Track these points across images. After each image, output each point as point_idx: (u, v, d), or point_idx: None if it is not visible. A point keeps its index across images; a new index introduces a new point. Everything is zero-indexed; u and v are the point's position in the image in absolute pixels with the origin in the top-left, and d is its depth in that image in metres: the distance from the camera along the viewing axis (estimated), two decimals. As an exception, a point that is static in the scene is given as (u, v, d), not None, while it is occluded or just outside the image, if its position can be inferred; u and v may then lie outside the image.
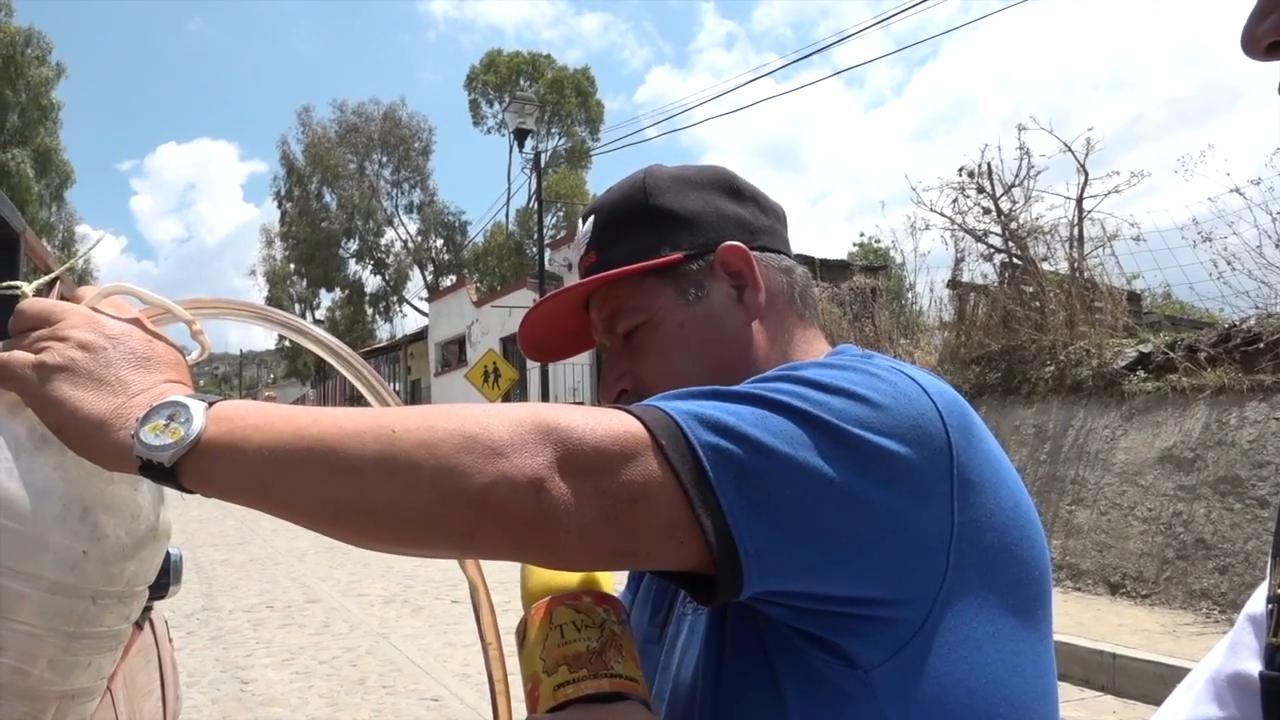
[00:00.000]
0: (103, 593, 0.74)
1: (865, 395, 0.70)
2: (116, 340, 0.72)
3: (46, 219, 33.66)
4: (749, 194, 0.97)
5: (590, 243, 0.96)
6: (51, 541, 0.70)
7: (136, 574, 0.78)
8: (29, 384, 0.69)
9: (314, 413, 0.68)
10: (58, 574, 0.71)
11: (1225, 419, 6.67)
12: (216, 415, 0.67)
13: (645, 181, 0.95)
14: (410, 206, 43.93)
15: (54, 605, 0.71)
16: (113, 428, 0.67)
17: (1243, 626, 0.72)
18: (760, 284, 0.91)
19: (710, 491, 0.65)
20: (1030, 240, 9.30)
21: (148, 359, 0.72)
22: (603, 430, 0.65)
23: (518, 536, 0.64)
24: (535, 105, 19.55)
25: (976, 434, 0.74)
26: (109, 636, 0.77)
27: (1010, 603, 0.74)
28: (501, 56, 40.00)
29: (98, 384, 0.69)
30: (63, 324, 0.72)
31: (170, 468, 0.65)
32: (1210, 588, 6.24)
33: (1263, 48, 0.53)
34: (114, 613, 0.76)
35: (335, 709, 5.17)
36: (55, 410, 0.68)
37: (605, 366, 0.96)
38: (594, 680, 0.72)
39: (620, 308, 0.92)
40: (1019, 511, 0.76)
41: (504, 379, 15.70)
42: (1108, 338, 8.15)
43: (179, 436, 0.65)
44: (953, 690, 0.71)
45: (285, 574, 9.79)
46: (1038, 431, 8.06)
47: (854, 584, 0.69)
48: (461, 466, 0.62)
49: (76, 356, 0.70)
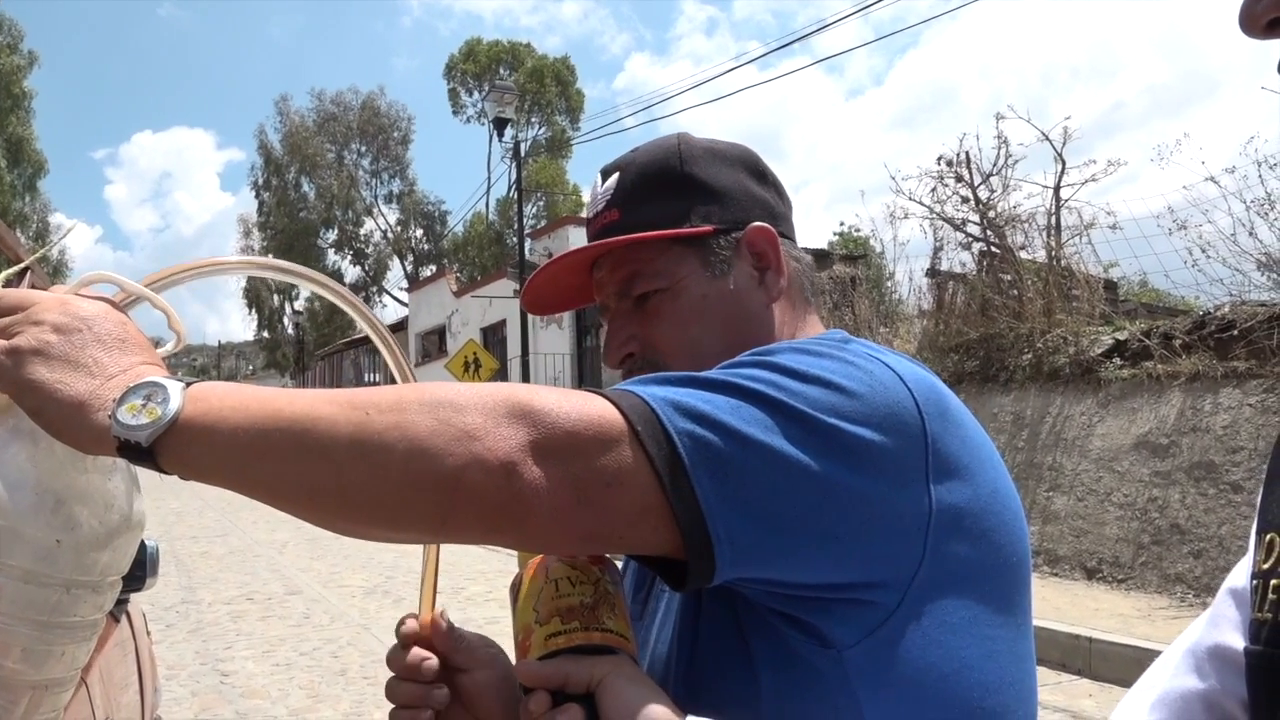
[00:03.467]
0: (76, 582, 0.74)
1: (840, 383, 0.70)
2: (90, 322, 0.71)
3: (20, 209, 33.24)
4: (771, 179, 0.96)
5: (613, 200, 0.93)
6: (24, 531, 0.70)
7: (110, 564, 0.77)
8: (4, 369, 0.69)
9: (290, 394, 0.67)
10: (31, 563, 0.70)
11: (1200, 405, 6.74)
12: (194, 395, 0.67)
13: (680, 147, 0.93)
14: (389, 196, 43.79)
15: (27, 595, 0.71)
16: (91, 409, 0.67)
17: (1224, 599, 0.73)
18: (784, 268, 0.91)
19: (685, 479, 0.65)
20: (1008, 229, 9.36)
21: (123, 340, 0.72)
22: (577, 414, 0.65)
23: (489, 519, 0.64)
24: (515, 94, 19.44)
25: (953, 419, 0.74)
26: (83, 626, 0.77)
27: (987, 589, 0.74)
28: (481, 45, 39.76)
29: (74, 366, 0.69)
30: (35, 309, 0.72)
31: (148, 448, 0.65)
32: (1185, 572, 6.32)
33: (1262, 25, 0.53)
34: (87, 603, 0.76)
35: (316, 700, 5.15)
36: (32, 394, 0.68)
37: (610, 328, 0.94)
38: (584, 632, 0.73)
39: (641, 271, 0.90)
40: (997, 498, 0.76)
41: (484, 369, 15.67)
42: (1084, 325, 8.22)
43: (156, 416, 0.65)
44: (926, 674, 0.71)
45: (265, 566, 9.75)
46: (1015, 419, 8.12)
47: (828, 572, 0.69)
48: (433, 449, 0.62)
49: (51, 339, 0.69)
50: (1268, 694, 0.59)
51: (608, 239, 0.91)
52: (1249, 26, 0.53)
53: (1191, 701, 0.72)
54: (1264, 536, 0.64)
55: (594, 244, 0.92)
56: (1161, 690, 0.75)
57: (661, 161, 0.93)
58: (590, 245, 0.93)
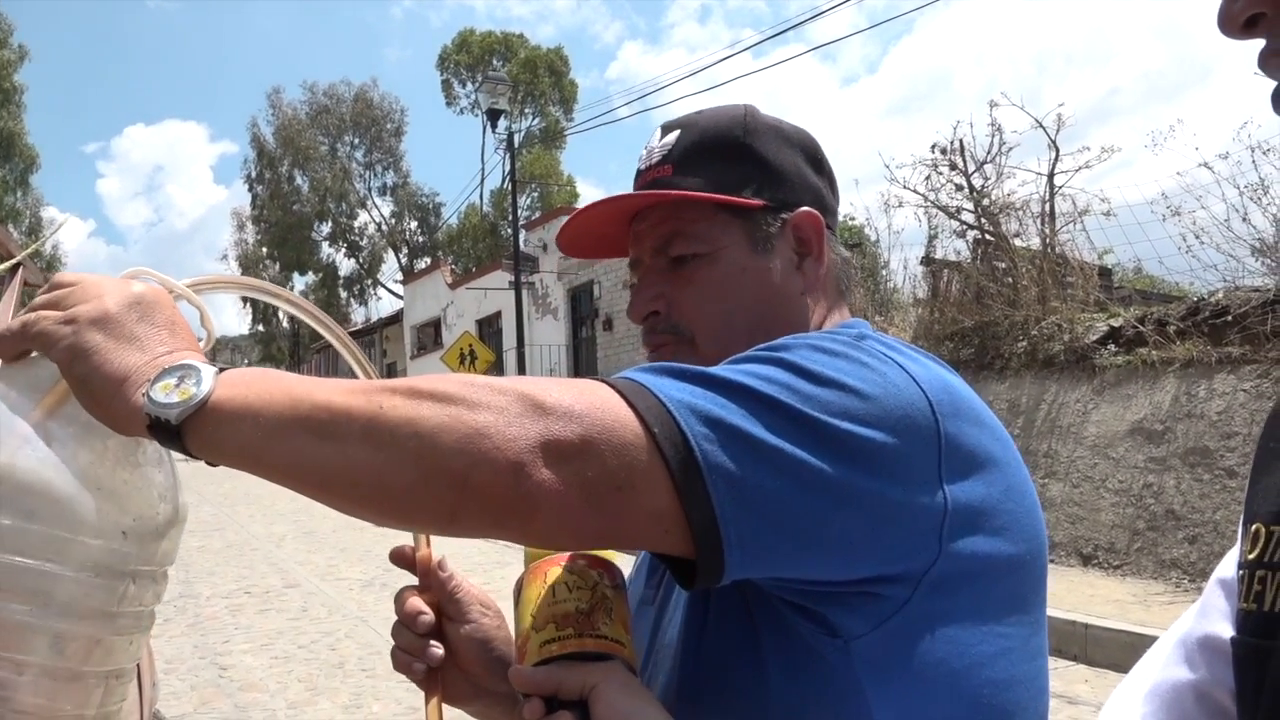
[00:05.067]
0: (141, 572, 0.76)
1: (853, 386, 0.69)
2: (146, 302, 0.73)
3: (12, 204, 33.13)
4: (827, 169, 0.96)
5: (669, 156, 0.91)
6: (95, 527, 0.71)
7: (167, 553, 0.80)
8: (57, 336, 0.70)
9: (312, 383, 0.68)
10: (105, 558, 0.72)
11: (1194, 391, 6.76)
12: (225, 379, 0.68)
13: (746, 119, 0.92)
14: (383, 188, 43.65)
15: (100, 588, 0.72)
16: (133, 383, 0.68)
17: (1213, 590, 0.74)
18: (824, 257, 0.91)
19: (700, 484, 0.64)
20: (1002, 216, 9.37)
21: (174, 323, 0.74)
22: (592, 415, 0.64)
23: (496, 517, 0.64)
24: (508, 85, 19.42)
25: (968, 417, 0.74)
26: (146, 616, 0.79)
27: (1003, 586, 0.74)
28: (474, 36, 39.62)
29: (127, 340, 0.70)
30: (93, 281, 0.74)
31: (177, 427, 0.66)
32: (1180, 558, 6.35)
33: (1239, 24, 0.53)
34: (150, 592, 0.78)
35: (314, 693, 5.16)
36: (84, 360, 0.69)
37: (640, 283, 0.92)
38: (578, 639, 0.73)
39: (683, 230, 0.89)
40: (1011, 494, 0.75)
41: (480, 361, 15.67)
42: (1079, 312, 8.23)
43: (188, 396, 0.66)
44: (936, 668, 0.71)
45: (263, 559, 9.75)
46: (1011, 406, 8.14)
47: (839, 570, 0.69)
48: (443, 446, 0.62)
49: (113, 310, 0.71)
50: (1254, 683, 0.59)
51: (658, 190, 0.90)
52: (1227, 26, 0.53)
53: (1183, 692, 0.72)
54: (1250, 527, 0.64)
55: (643, 193, 0.91)
56: (1153, 681, 0.75)
57: (725, 128, 0.91)
58: (639, 193, 0.91)
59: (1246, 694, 0.61)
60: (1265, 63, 0.54)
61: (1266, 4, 0.52)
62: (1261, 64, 0.54)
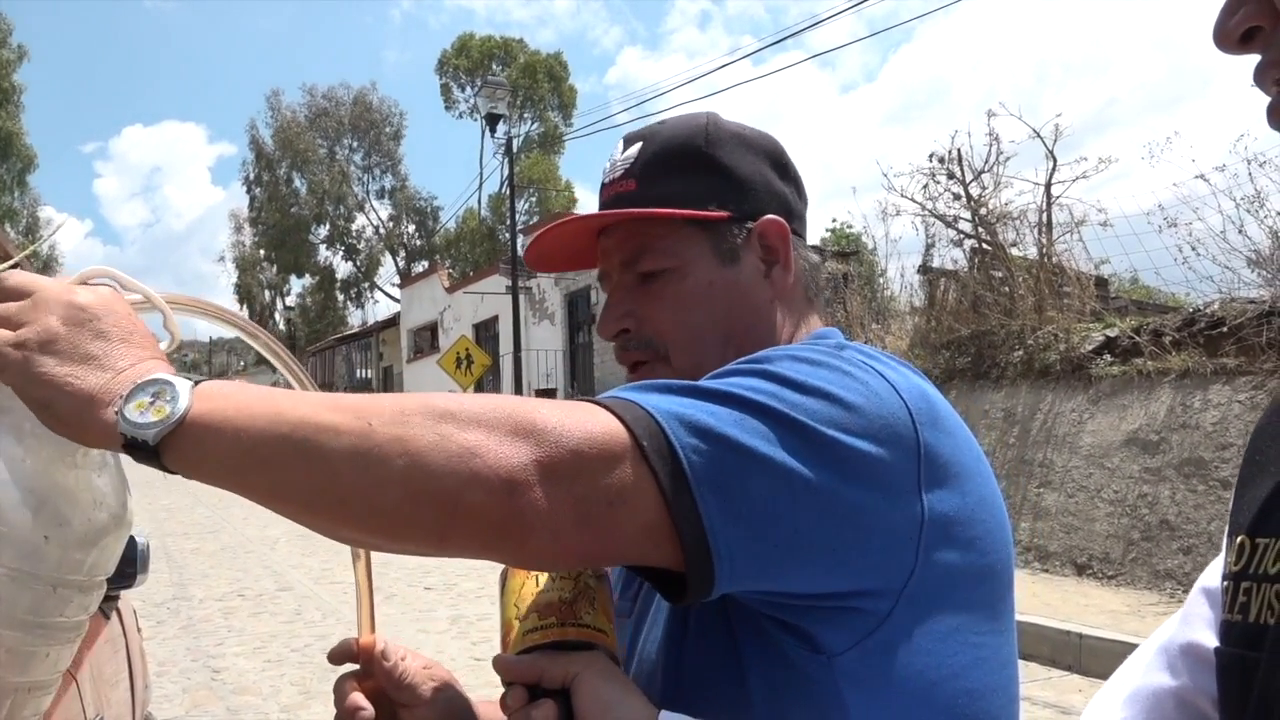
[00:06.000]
0: (63, 581, 0.73)
1: (839, 395, 0.69)
2: (99, 315, 0.69)
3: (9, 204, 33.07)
4: (793, 174, 0.95)
5: (631, 170, 0.90)
6: (12, 528, 0.69)
7: (96, 563, 0.77)
8: (9, 361, 0.67)
9: (295, 398, 0.66)
10: (17, 561, 0.69)
11: (1189, 402, 6.77)
12: (202, 394, 0.66)
13: (708, 128, 0.91)
14: (381, 192, 43.67)
15: (12, 594, 0.70)
16: (101, 404, 0.65)
17: (1196, 598, 0.74)
18: (791, 264, 0.91)
19: (689, 496, 0.64)
20: (999, 226, 9.38)
21: (130, 333, 0.70)
22: (582, 431, 0.64)
23: (488, 538, 0.63)
24: (507, 90, 19.39)
25: (945, 429, 0.74)
26: (68, 628, 0.76)
27: (975, 596, 0.75)
28: (474, 41, 39.66)
29: (84, 359, 0.67)
30: (39, 296, 0.70)
31: (154, 446, 0.64)
32: (1175, 568, 6.35)
33: (1235, 39, 0.53)
34: (74, 603, 0.75)
35: (308, 697, 5.15)
36: (41, 386, 0.66)
37: (610, 299, 0.92)
38: (560, 628, 0.74)
39: (650, 246, 0.89)
40: (984, 505, 0.76)
41: (476, 365, 15.64)
42: (1075, 322, 8.24)
43: (164, 415, 0.64)
44: (914, 680, 0.71)
45: (257, 562, 9.72)
46: (1006, 415, 8.14)
47: (822, 582, 0.70)
48: (434, 466, 0.61)
49: (61, 331, 0.67)
50: (1238, 694, 0.60)
51: (621, 209, 0.89)
52: (1223, 41, 0.54)
53: (1163, 698, 0.73)
54: (1235, 539, 0.64)
55: (607, 211, 0.91)
56: (1134, 686, 0.76)
57: (686, 139, 0.91)
58: (602, 212, 0.91)
59: (1231, 704, 0.61)
60: (1260, 77, 0.54)
61: (1262, 19, 0.52)
62: (1257, 79, 0.54)
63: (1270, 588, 0.59)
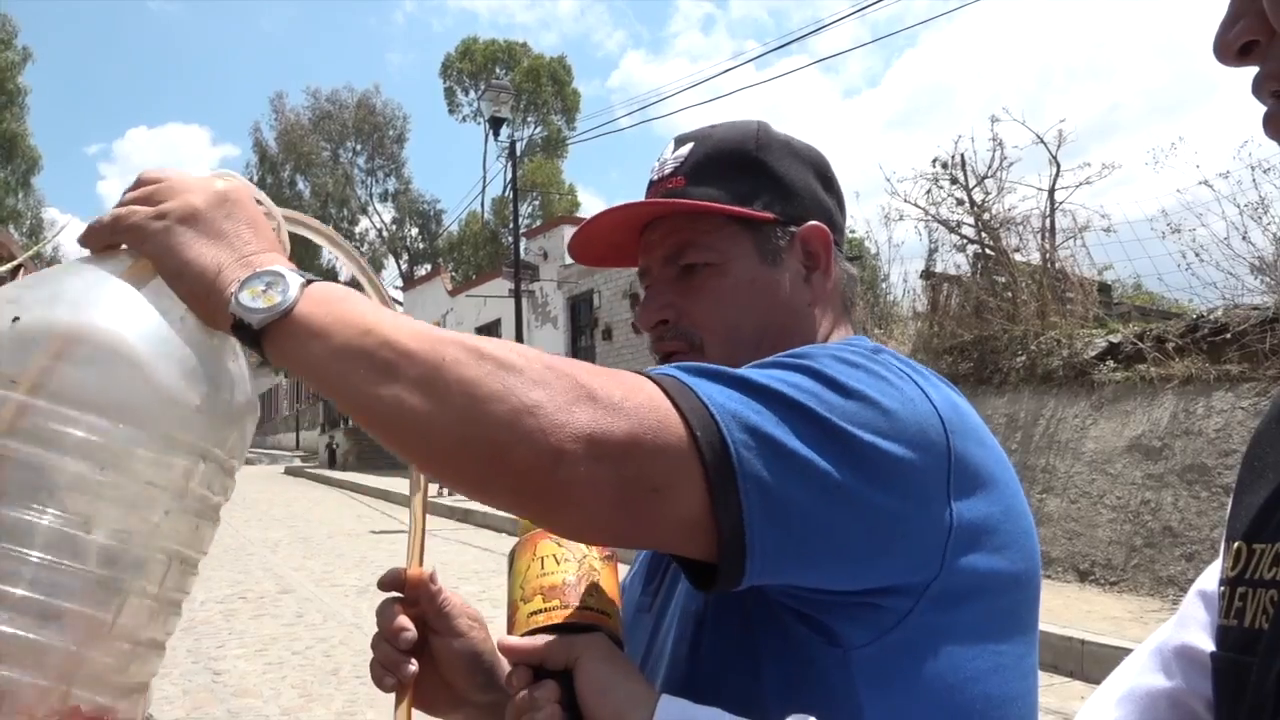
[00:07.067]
0: (210, 453, 0.74)
1: (877, 400, 0.70)
2: (236, 202, 0.75)
3: (14, 205, 33.17)
4: (837, 188, 0.98)
5: (681, 168, 0.93)
6: (167, 391, 0.70)
7: (236, 445, 0.77)
8: (149, 231, 0.72)
9: (389, 318, 0.68)
10: (170, 427, 0.70)
11: (1192, 408, 6.76)
12: (310, 294, 0.69)
13: (759, 133, 0.94)
14: (385, 195, 43.67)
15: (166, 460, 0.71)
16: (223, 280, 0.70)
17: (1192, 601, 0.75)
18: (832, 272, 0.92)
19: (735, 493, 0.64)
20: (1002, 231, 9.38)
21: (256, 222, 0.75)
22: (640, 413, 0.64)
23: (525, 498, 0.64)
24: (511, 94, 19.43)
25: (974, 437, 0.75)
26: (211, 507, 0.77)
27: (999, 604, 0.75)
28: (477, 44, 39.71)
29: (217, 236, 0.72)
30: (182, 180, 0.75)
31: (257, 332, 0.67)
32: (1177, 574, 6.34)
33: (1234, 52, 0.54)
34: (216, 481, 0.76)
35: (309, 700, 5.15)
36: (174, 257, 0.71)
37: (649, 292, 0.94)
38: (563, 610, 0.75)
39: (695, 241, 0.90)
40: (1011, 515, 0.76)
41: (479, 368, 15.61)
42: (1078, 328, 8.24)
43: (273, 304, 0.67)
44: (932, 683, 0.72)
45: (258, 564, 9.73)
46: (1009, 421, 8.14)
47: (847, 581, 0.70)
48: (493, 414, 0.62)
49: (201, 209, 0.73)
50: (1233, 698, 0.61)
51: (672, 199, 0.91)
52: (1222, 53, 0.54)
53: (1158, 699, 0.74)
54: (1231, 544, 0.65)
55: (657, 200, 0.92)
56: (1128, 687, 0.77)
57: (738, 142, 0.93)
58: (652, 201, 0.92)
59: (1225, 708, 0.62)
60: (1258, 89, 0.55)
61: (1260, 32, 0.52)
62: (1255, 90, 0.55)
63: (1265, 593, 0.60)
